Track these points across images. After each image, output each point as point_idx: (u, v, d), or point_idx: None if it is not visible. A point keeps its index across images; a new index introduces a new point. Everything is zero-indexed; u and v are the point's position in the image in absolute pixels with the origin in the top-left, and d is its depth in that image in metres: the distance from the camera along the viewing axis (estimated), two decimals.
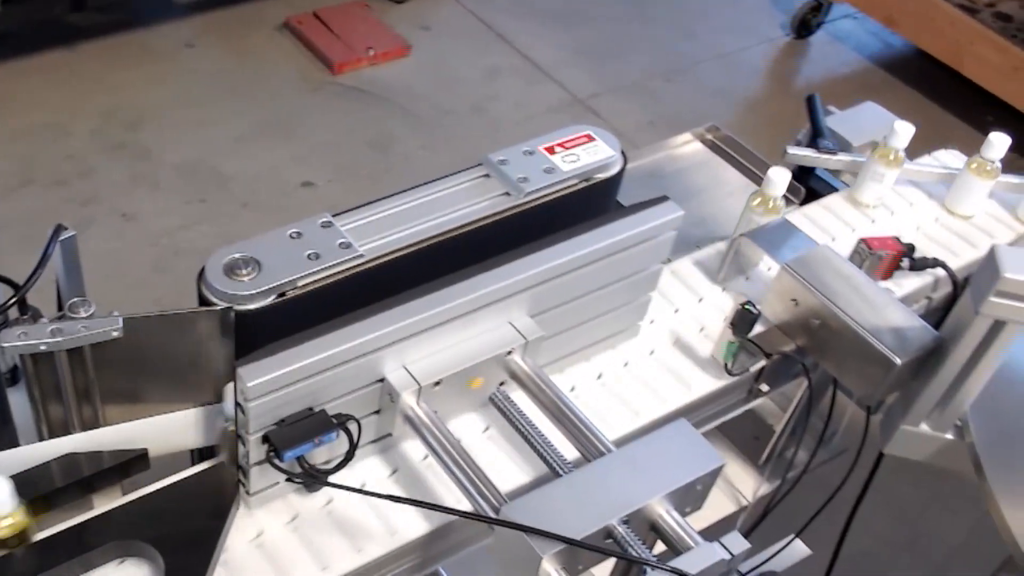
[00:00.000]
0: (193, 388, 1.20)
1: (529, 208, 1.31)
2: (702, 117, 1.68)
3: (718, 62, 3.97)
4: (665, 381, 1.38)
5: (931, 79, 3.96)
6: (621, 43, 3.99)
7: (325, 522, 1.18)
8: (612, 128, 3.52)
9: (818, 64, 4.13)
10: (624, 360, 1.40)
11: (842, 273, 1.37)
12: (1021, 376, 1.41)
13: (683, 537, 1.07)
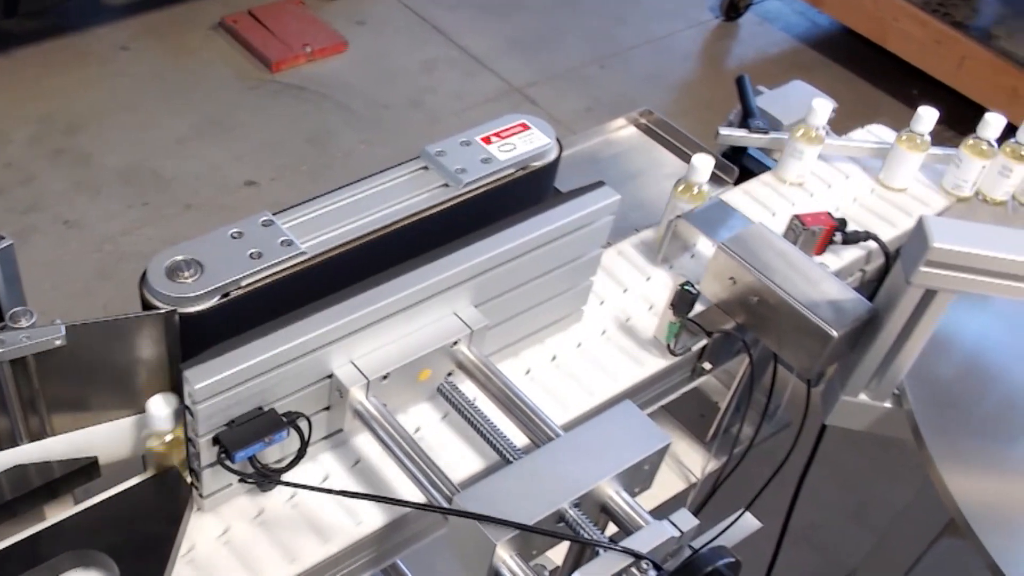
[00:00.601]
0: (141, 393, 1.18)
1: (468, 198, 1.31)
2: (637, 102, 1.69)
3: (650, 47, 3.98)
4: (612, 362, 1.39)
5: (858, 56, 3.99)
6: (555, 31, 3.98)
7: (280, 521, 1.16)
8: (550, 115, 3.52)
9: (748, 45, 4.15)
10: (577, 341, 1.41)
11: (777, 250, 1.37)
12: (955, 344, 1.42)
13: (633, 517, 1.07)
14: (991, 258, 1.19)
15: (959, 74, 3.61)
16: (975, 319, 1.47)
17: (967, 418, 1.34)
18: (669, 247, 1.51)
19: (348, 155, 3.27)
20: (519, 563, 1.02)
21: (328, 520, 1.16)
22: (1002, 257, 1.19)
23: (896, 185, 1.71)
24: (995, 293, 1.22)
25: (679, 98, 3.79)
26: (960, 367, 1.41)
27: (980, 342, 1.46)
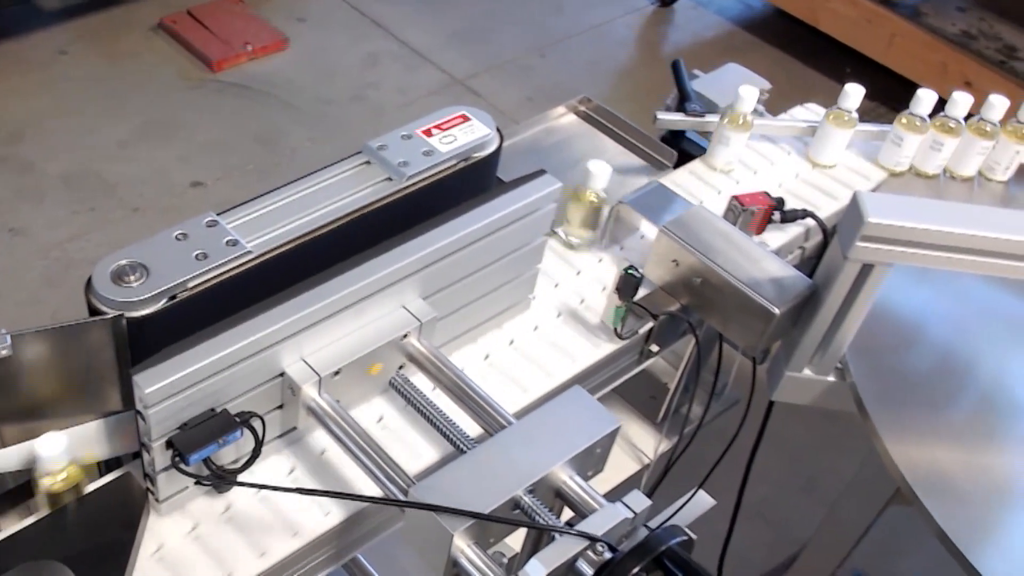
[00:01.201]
0: (92, 400, 1.16)
1: (412, 191, 1.30)
2: (577, 90, 1.68)
3: (588, 35, 3.98)
4: (569, 343, 1.39)
5: (791, 37, 4.02)
6: (494, 22, 3.97)
7: (248, 516, 1.15)
8: (492, 106, 3.51)
9: (683, 30, 4.17)
10: (533, 324, 1.41)
11: (718, 231, 1.38)
12: (893, 316, 1.44)
13: (587, 500, 1.07)
14: (924, 230, 1.20)
15: (890, 51, 3.64)
16: (913, 291, 1.48)
17: (909, 388, 1.35)
18: (615, 230, 1.51)
19: (294, 152, 3.24)
20: (477, 552, 1.02)
21: (296, 513, 1.16)
22: (935, 229, 1.20)
23: (824, 161, 1.72)
24: (930, 264, 1.23)
25: (618, 84, 3.80)
26: (900, 338, 1.42)
27: (919, 313, 1.47)
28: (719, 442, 1.56)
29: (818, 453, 2.62)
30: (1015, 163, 1.76)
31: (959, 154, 1.74)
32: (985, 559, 1.16)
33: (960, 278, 1.43)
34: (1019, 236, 1.20)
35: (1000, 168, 1.76)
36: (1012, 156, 1.74)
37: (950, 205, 1.26)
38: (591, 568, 0.99)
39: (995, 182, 1.77)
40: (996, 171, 1.77)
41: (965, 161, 1.75)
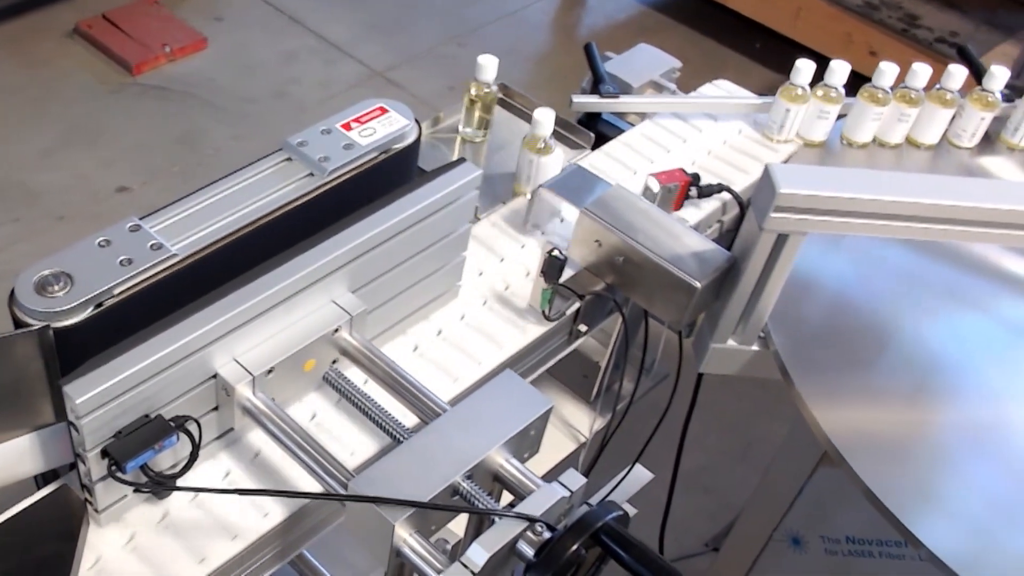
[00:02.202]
0: (24, 413, 1.12)
1: (334, 186, 1.28)
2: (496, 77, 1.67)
3: (504, 22, 3.96)
4: (496, 331, 1.38)
5: (702, 15, 4.03)
6: (410, 14, 3.94)
7: (186, 522, 1.13)
8: (413, 97, 3.49)
9: (597, 13, 4.17)
10: (460, 313, 1.40)
11: (637, 209, 1.38)
12: (811, 283, 1.45)
13: (524, 482, 1.07)
14: (835, 198, 1.21)
15: (796, 24, 3.68)
16: (829, 258, 1.50)
17: (830, 353, 1.37)
18: (536, 214, 1.50)
19: (219, 152, 3.19)
20: (419, 540, 1.01)
21: (234, 516, 1.14)
22: (845, 196, 1.21)
23: (782, 137, 1.74)
24: (842, 231, 1.24)
25: (536, 70, 3.79)
26: (819, 305, 1.44)
27: (835, 279, 1.49)
28: (653, 416, 1.56)
29: (751, 420, 2.65)
30: (980, 130, 1.78)
31: (923, 123, 1.77)
32: (912, 514, 1.18)
33: (873, 242, 1.45)
34: (925, 199, 1.22)
35: (966, 135, 1.79)
36: (978, 123, 1.77)
37: (859, 172, 1.28)
38: (531, 549, 0.99)
39: (962, 149, 1.80)
40: (963, 138, 1.79)
41: (928, 130, 1.77)
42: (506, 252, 1.49)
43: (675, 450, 1.63)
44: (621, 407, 1.65)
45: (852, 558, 1.51)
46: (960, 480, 1.26)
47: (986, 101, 1.75)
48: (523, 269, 1.47)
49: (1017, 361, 1.41)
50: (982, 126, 1.78)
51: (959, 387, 1.36)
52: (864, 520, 1.47)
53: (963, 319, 1.46)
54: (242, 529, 1.13)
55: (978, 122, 1.77)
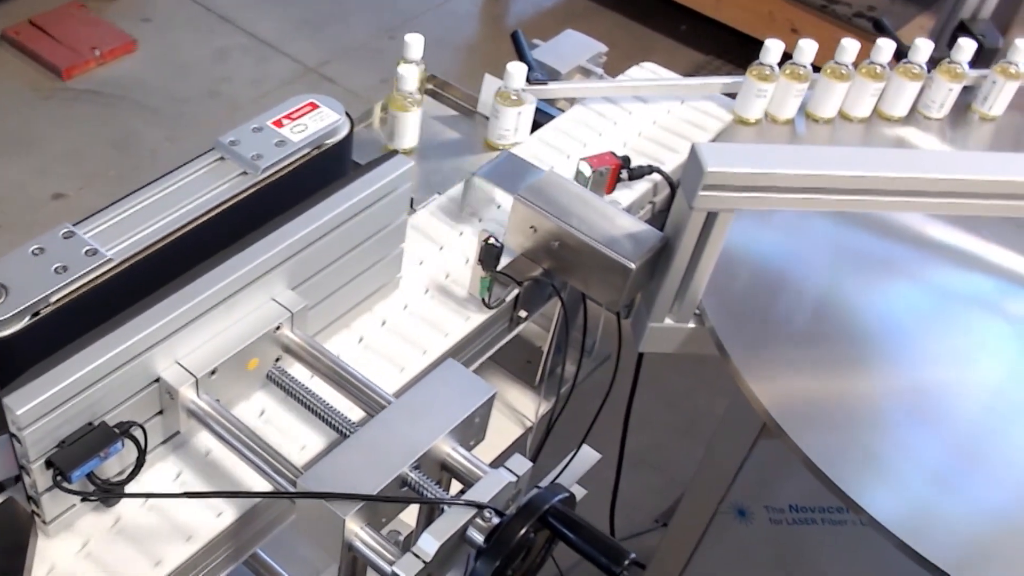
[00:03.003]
0: None
1: (269, 183, 1.25)
2: (427, 68, 1.66)
3: (434, 13, 3.94)
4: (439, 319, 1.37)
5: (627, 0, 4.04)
6: (340, 8, 3.90)
7: (139, 526, 1.11)
8: (347, 90, 3.46)
9: (524, 1, 4.16)
10: (403, 303, 1.38)
11: (571, 194, 1.37)
12: (744, 259, 1.45)
13: (472, 469, 1.06)
14: (760, 175, 1.21)
15: (720, 5, 3.69)
16: (760, 233, 1.50)
17: (765, 327, 1.37)
18: (471, 203, 1.49)
19: (154, 154, 3.14)
20: (370, 533, 1.00)
21: (187, 517, 1.11)
22: (770, 172, 1.21)
23: (749, 116, 1.75)
24: (769, 207, 1.24)
25: (466, 60, 3.78)
26: (753, 280, 1.44)
27: (767, 254, 1.49)
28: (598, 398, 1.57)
29: (693, 396, 2.66)
30: (949, 100, 1.80)
31: (891, 96, 1.79)
32: (852, 481, 1.19)
33: (803, 216, 1.46)
34: (846, 172, 1.23)
35: (935, 106, 1.81)
36: (946, 94, 1.79)
37: (784, 148, 1.29)
38: (481, 535, 0.98)
39: (932, 120, 1.82)
40: (932, 109, 1.81)
41: (898, 103, 1.80)
42: (445, 240, 1.48)
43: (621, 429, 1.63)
44: (565, 390, 1.65)
45: (796, 526, 1.53)
46: (897, 445, 1.27)
47: (954, 72, 1.77)
48: (462, 257, 1.46)
49: (947, 326, 1.42)
50: (950, 97, 1.80)
51: (893, 354, 1.37)
52: (806, 489, 1.48)
53: (893, 287, 1.47)
54: (196, 530, 1.11)
55: (946, 93, 1.79)
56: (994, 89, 1.80)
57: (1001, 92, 1.80)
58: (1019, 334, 1.41)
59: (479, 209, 1.51)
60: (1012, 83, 1.79)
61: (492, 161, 1.47)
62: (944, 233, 1.53)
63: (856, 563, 1.52)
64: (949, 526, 1.18)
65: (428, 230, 1.49)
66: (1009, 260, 1.50)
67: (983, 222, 1.51)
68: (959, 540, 1.17)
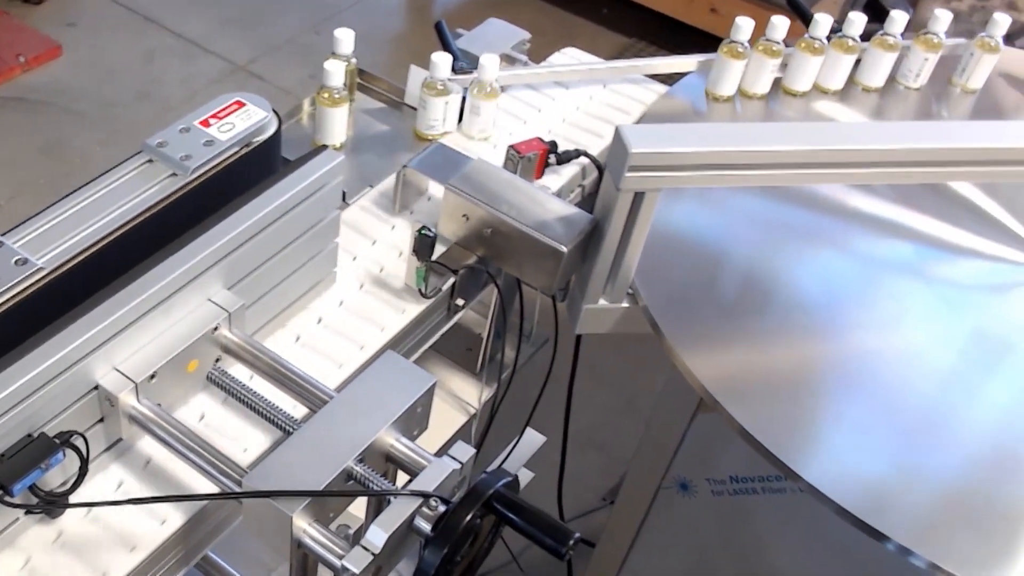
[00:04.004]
0: None
1: (199, 184, 1.23)
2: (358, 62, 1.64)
3: (359, 7, 3.89)
4: (375, 313, 1.35)
5: None
6: (266, 5, 3.84)
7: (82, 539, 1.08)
8: (277, 87, 3.41)
9: None
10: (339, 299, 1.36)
11: (500, 181, 1.36)
12: (673, 237, 1.46)
13: (416, 459, 1.05)
14: (683, 154, 1.21)
15: None
16: (688, 211, 1.51)
17: (697, 303, 1.38)
18: (404, 195, 1.47)
19: (86, 160, 3.07)
20: (319, 529, 0.99)
21: (131, 527, 1.09)
22: (692, 151, 1.21)
23: (724, 93, 1.75)
24: (693, 184, 1.25)
25: (393, 52, 3.74)
26: (683, 257, 1.45)
27: (696, 231, 1.50)
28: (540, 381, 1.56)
29: (633, 374, 2.67)
30: (925, 70, 1.82)
31: (869, 67, 1.81)
32: (788, 449, 1.19)
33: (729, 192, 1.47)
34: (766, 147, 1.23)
35: (912, 76, 1.83)
36: (922, 63, 1.81)
37: (704, 127, 1.29)
38: (428, 524, 0.97)
39: (911, 89, 1.84)
40: (909, 79, 1.83)
41: (875, 73, 1.81)
42: (377, 235, 1.46)
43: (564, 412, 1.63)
44: (506, 376, 1.64)
45: (738, 496, 1.54)
46: (829, 411, 1.28)
47: (931, 43, 1.79)
48: (395, 250, 1.44)
49: (873, 293, 1.44)
50: (926, 67, 1.81)
51: (823, 323, 1.38)
52: (745, 459, 1.50)
53: (820, 258, 1.48)
54: (140, 539, 1.08)
55: (922, 63, 1.81)
56: (971, 61, 1.82)
57: (979, 64, 1.82)
58: (941, 296, 1.43)
59: (411, 201, 1.50)
60: (991, 56, 1.81)
61: (422, 152, 1.46)
62: (866, 203, 1.54)
63: (796, 528, 1.53)
64: (877, 485, 1.19)
65: (360, 225, 1.47)
66: (927, 225, 1.52)
67: (902, 190, 1.52)
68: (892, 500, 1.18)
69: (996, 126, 1.42)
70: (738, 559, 1.64)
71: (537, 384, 1.56)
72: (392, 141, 1.63)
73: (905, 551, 1.12)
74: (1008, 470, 1.23)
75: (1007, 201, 1.56)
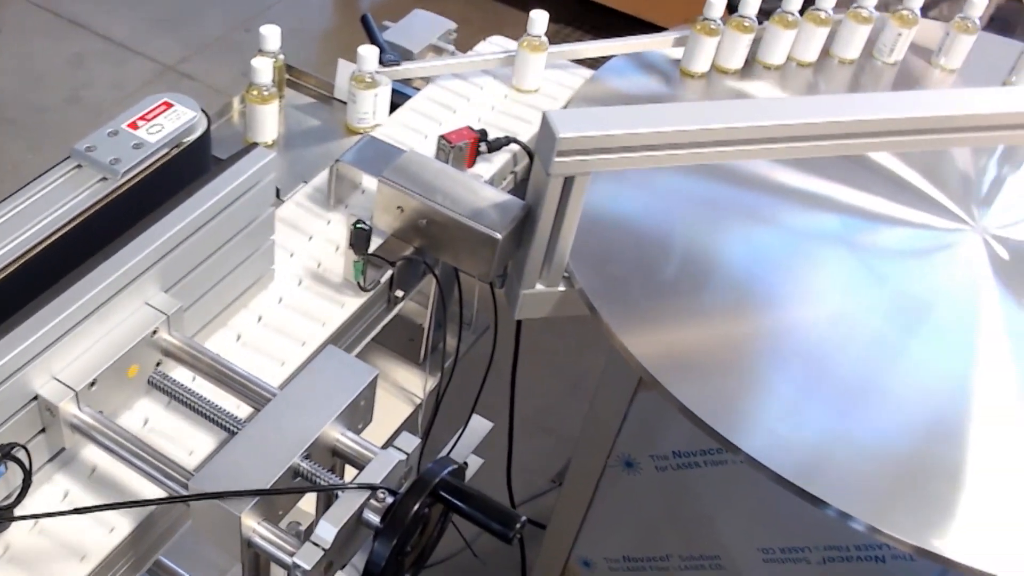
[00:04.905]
0: None
1: (130, 187, 1.20)
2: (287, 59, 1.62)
3: (287, 3, 3.84)
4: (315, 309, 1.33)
5: None
6: (194, 4, 3.77)
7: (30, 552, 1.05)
8: (208, 86, 3.36)
9: None
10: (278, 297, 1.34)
11: (433, 171, 1.35)
12: (604, 218, 1.46)
13: (362, 452, 1.04)
14: (608, 136, 1.21)
15: None
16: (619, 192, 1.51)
17: (632, 283, 1.38)
18: (338, 189, 1.46)
19: (17, 167, 3.00)
20: (269, 527, 0.97)
21: (79, 537, 1.06)
22: (616, 134, 1.21)
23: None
24: (621, 167, 1.24)
25: (323, 47, 3.70)
26: (617, 238, 1.44)
27: (628, 212, 1.50)
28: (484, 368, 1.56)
29: (576, 356, 2.68)
30: (899, 45, 1.82)
31: (843, 40, 1.82)
32: (726, 422, 1.20)
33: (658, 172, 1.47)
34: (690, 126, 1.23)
35: (886, 50, 1.84)
36: (895, 38, 1.82)
37: (629, 110, 1.28)
38: (377, 516, 0.97)
39: (886, 64, 1.85)
40: (884, 53, 1.84)
41: (849, 46, 1.82)
42: (313, 230, 1.44)
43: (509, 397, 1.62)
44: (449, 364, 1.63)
45: (681, 471, 1.54)
46: (765, 383, 1.29)
47: (905, 18, 1.80)
48: (332, 245, 1.42)
49: (802, 266, 1.45)
50: (900, 41, 1.83)
51: (755, 297, 1.39)
52: (686, 434, 1.50)
53: (750, 234, 1.49)
54: (90, 548, 1.06)
55: (895, 37, 1.82)
56: (947, 40, 1.83)
57: (955, 44, 1.83)
58: (866, 264, 1.45)
59: (346, 195, 1.48)
60: (967, 37, 1.81)
61: (354, 146, 1.44)
62: (792, 177, 1.56)
63: (738, 498, 1.55)
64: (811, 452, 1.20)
65: (296, 221, 1.45)
66: (851, 196, 1.54)
67: (825, 163, 1.54)
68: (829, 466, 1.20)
69: (911, 96, 1.44)
70: (685, 532, 1.65)
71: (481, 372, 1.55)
72: (324, 136, 1.61)
73: (844, 515, 1.13)
74: (939, 431, 1.25)
75: (925, 169, 1.59)
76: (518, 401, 1.68)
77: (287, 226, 1.43)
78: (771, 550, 1.53)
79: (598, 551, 1.79)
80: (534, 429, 2.43)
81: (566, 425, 2.50)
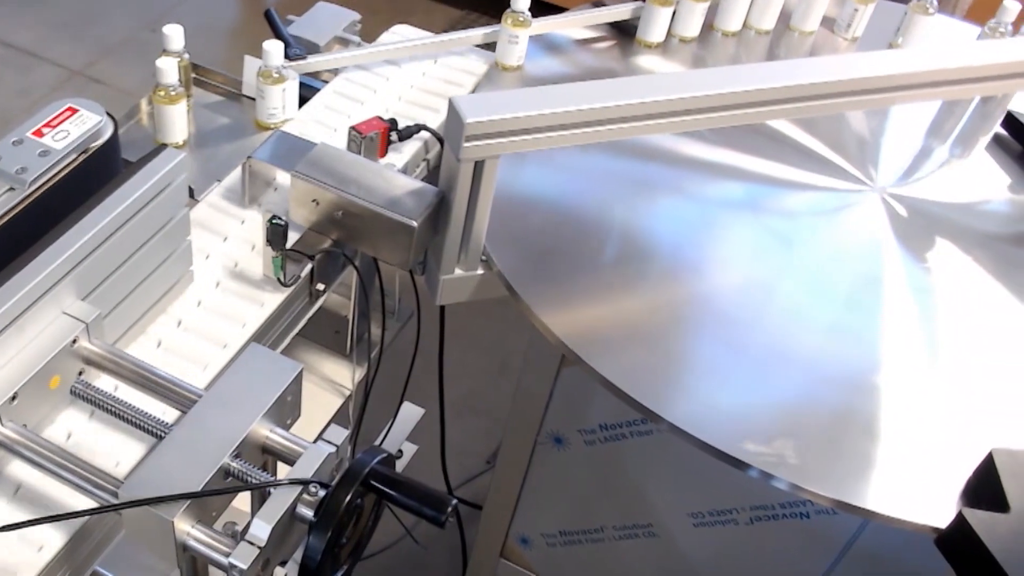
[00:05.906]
0: None
1: (39, 196, 1.17)
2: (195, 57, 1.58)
3: (193, 2, 3.76)
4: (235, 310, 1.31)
5: None
6: (98, 7, 3.67)
7: None
8: (118, 89, 3.28)
9: None
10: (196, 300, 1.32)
11: (345, 163, 1.34)
12: (518, 199, 1.45)
13: (292, 448, 1.03)
14: (514, 119, 1.21)
15: None
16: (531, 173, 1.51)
17: (550, 261, 1.37)
18: (251, 187, 1.43)
19: None
20: (203, 530, 0.96)
21: (5, 557, 1.03)
22: (522, 115, 1.21)
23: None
24: (528, 148, 1.24)
25: (230, 44, 3.63)
26: (531, 218, 1.44)
27: (541, 192, 1.49)
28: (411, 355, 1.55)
29: (503, 338, 2.68)
30: (856, 21, 1.83)
31: (802, 11, 1.83)
32: (648, 393, 1.21)
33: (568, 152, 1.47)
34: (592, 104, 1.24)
35: (844, 25, 1.85)
36: (852, 14, 1.83)
37: (533, 91, 1.29)
38: (310, 510, 0.96)
39: (845, 40, 1.86)
40: (843, 29, 1.86)
41: (807, 18, 1.84)
42: (228, 231, 1.42)
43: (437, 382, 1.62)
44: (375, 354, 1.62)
45: (609, 443, 1.55)
46: (683, 352, 1.30)
47: None
48: (248, 244, 1.40)
49: (712, 235, 1.46)
50: (857, 17, 1.83)
51: (670, 269, 1.40)
52: (612, 407, 1.51)
53: (660, 206, 1.50)
54: (18, 568, 1.03)
55: (852, 13, 1.83)
56: (904, 20, 1.83)
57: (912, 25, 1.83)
58: (772, 229, 1.46)
59: (260, 192, 1.46)
60: (923, 17, 1.82)
61: (266, 142, 1.42)
62: (698, 149, 1.57)
63: (666, 466, 1.56)
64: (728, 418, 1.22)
65: (211, 222, 1.42)
66: (755, 165, 1.56)
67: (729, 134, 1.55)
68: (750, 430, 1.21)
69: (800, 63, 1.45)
70: (617, 502, 1.66)
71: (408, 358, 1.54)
72: (235, 133, 1.59)
73: (766, 475, 1.15)
74: (855, 387, 1.27)
75: (824, 135, 1.61)
76: (447, 385, 1.67)
77: (202, 228, 1.40)
78: (700, 514, 1.55)
79: (535, 527, 1.80)
80: (465, 412, 2.43)
81: (496, 406, 2.51)
